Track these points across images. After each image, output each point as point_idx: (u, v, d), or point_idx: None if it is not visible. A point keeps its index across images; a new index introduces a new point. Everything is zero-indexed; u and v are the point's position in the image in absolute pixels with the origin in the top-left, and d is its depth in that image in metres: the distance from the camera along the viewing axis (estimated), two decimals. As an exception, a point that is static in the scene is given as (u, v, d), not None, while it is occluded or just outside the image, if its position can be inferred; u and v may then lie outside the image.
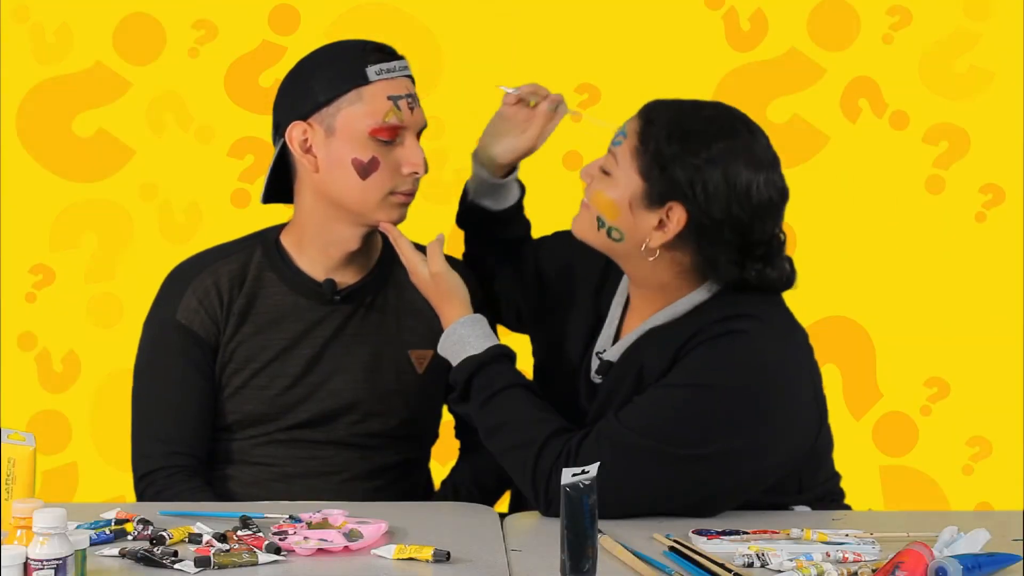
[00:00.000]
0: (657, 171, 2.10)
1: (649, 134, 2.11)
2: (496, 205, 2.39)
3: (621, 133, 2.15)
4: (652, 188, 2.10)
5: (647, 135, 2.11)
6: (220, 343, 2.35)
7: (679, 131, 2.10)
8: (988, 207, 3.51)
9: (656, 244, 2.12)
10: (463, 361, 2.19)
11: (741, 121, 2.15)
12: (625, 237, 2.14)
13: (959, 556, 1.82)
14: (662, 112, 2.13)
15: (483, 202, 2.39)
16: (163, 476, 2.31)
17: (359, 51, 2.28)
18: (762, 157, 2.12)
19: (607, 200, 2.14)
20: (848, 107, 3.50)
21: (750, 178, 2.09)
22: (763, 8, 3.48)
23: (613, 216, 2.14)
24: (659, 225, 2.11)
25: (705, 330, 2.10)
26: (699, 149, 2.09)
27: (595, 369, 2.24)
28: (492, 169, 2.37)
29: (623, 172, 2.13)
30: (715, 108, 2.16)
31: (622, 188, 2.13)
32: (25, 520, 1.74)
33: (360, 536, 1.93)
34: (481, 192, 2.39)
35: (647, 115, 2.14)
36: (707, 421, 2.06)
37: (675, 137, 2.10)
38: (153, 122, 3.48)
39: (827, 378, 3.42)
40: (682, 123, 2.11)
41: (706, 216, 2.09)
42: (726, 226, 2.09)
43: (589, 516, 1.73)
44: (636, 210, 2.12)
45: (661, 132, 2.10)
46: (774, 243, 2.15)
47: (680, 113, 2.13)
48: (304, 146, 2.29)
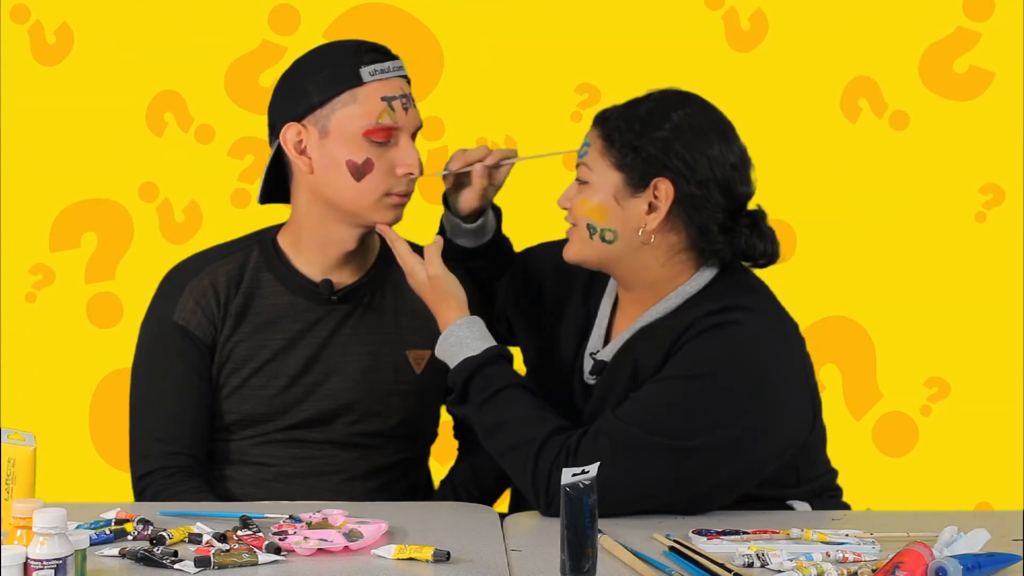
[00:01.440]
0: (631, 156, 2.14)
1: (610, 128, 2.17)
2: (472, 243, 2.42)
3: (585, 144, 2.20)
4: (632, 174, 2.14)
5: (609, 130, 2.17)
6: (217, 343, 2.35)
7: (637, 116, 2.16)
8: (988, 207, 3.51)
9: (653, 226, 2.15)
10: (461, 363, 2.19)
11: (691, 95, 2.21)
12: (619, 234, 2.16)
13: (959, 556, 1.82)
14: (613, 110, 2.19)
15: (460, 241, 2.41)
16: (162, 476, 2.31)
17: (353, 52, 2.28)
18: (721, 122, 2.19)
19: (592, 205, 2.17)
20: (848, 107, 3.50)
21: (717, 140, 2.15)
22: (763, 8, 3.48)
23: (602, 218, 2.16)
24: (649, 208, 2.14)
25: (697, 323, 2.12)
26: (662, 122, 2.15)
27: (588, 370, 2.24)
28: (461, 217, 2.40)
29: (599, 174, 2.17)
30: (661, 91, 2.21)
31: (603, 188, 2.16)
32: (25, 520, 1.74)
33: (360, 536, 1.93)
34: (458, 233, 2.41)
35: (601, 117, 2.20)
36: (704, 412, 2.07)
37: (635, 121, 2.16)
38: (153, 122, 3.48)
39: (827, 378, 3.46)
40: (636, 109, 2.17)
41: (691, 181, 2.13)
42: (712, 187, 2.14)
43: (589, 516, 1.74)
44: (623, 202, 2.15)
45: (621, 123, 2.16)
46: (758, 211, 2.19)
47: (630, 105, 2.19)
48: (299, 147, 2.29)
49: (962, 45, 3.49)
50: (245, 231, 2.46)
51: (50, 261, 3.48)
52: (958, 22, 3.48)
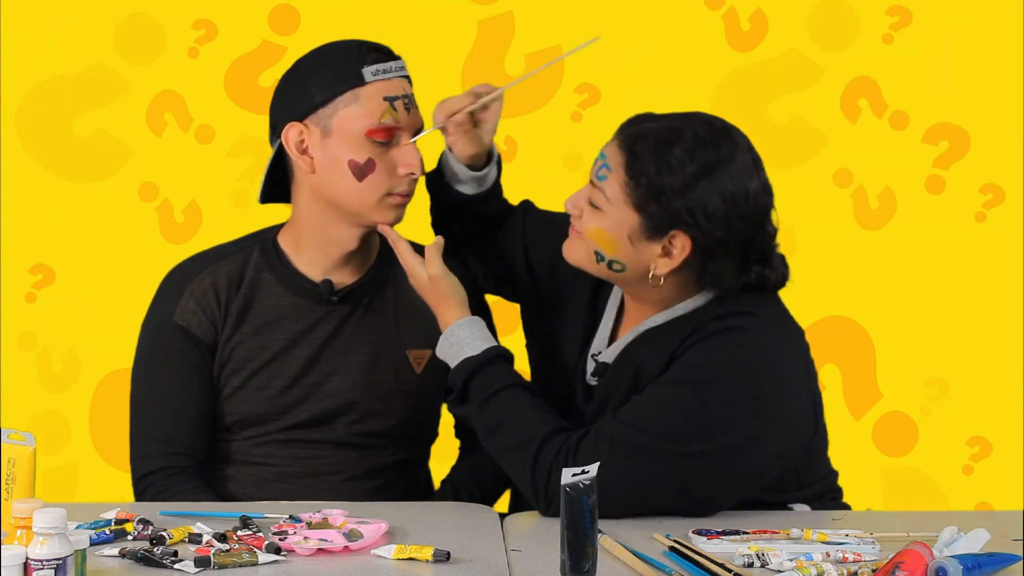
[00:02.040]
0: (654, 205, 2.08)
1: (637, 169, 2.08)
2: (473, 190, 2.36)
3: (605, 166, 2.12)
4: (651, 221, 2.09)
5: (635, 170, 2.08)
6: (218, 344, 2.35)
7: (667, 160, 2.07)
8: (988, 207, 3.51)
9: (663, 272, 2.12)
10: (461, 363, 2.19)
11: (722, 132, 2.11)
12: (627, 267, 2.14)
13: (959, 556, 1.82)
14: (644, 142, 2.09)
15: (459, 187, 2.35)
16: (162, 477, 2.31)
17: (355, 52, 2.28)
18: (749, 163, 2.11)
19: (605, 235, 2.13)
20: (848, 107, 3.50)
21: (745, 189, 2.09)
22: (763, 8, 3.48)
23: (612, 251, 2.13)
24: (663, 252, 2.11)
25: (702, 328, 2.11)
26: (691, 175, 2.06)
27: (591, 371, 2.24)
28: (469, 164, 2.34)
29: (616, 208, 2.11)
30: (693, 125, 2.11)
31: (618, 223, 2.11)
32: (25, 520, 1.74)
33: (360, 536, 1.93)
34: (458, 178, 2.35)
35: (630, 147, 2.10)
36: (705, 417, 2.07)
37: (665, 168, 2.07)
38: (153, 122, 3.48)
39: (827, 378, 3.45)
40: (667, 151, 2.07)
41: (710, 238, 2.09)
42: (729, 241, 2.10)
43: (589, 516, 1.73)
44: (637, 243, 2.11)
45: (650, 165, 2.07)
46: (769, 243, 2.16)
47: (661, 141, 2.08)
48: (300, 147, 2.29)
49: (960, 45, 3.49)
50: (245, 231, 2.45)
51: (50, 261, 3.48)
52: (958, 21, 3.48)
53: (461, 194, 2.35)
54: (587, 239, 2.15)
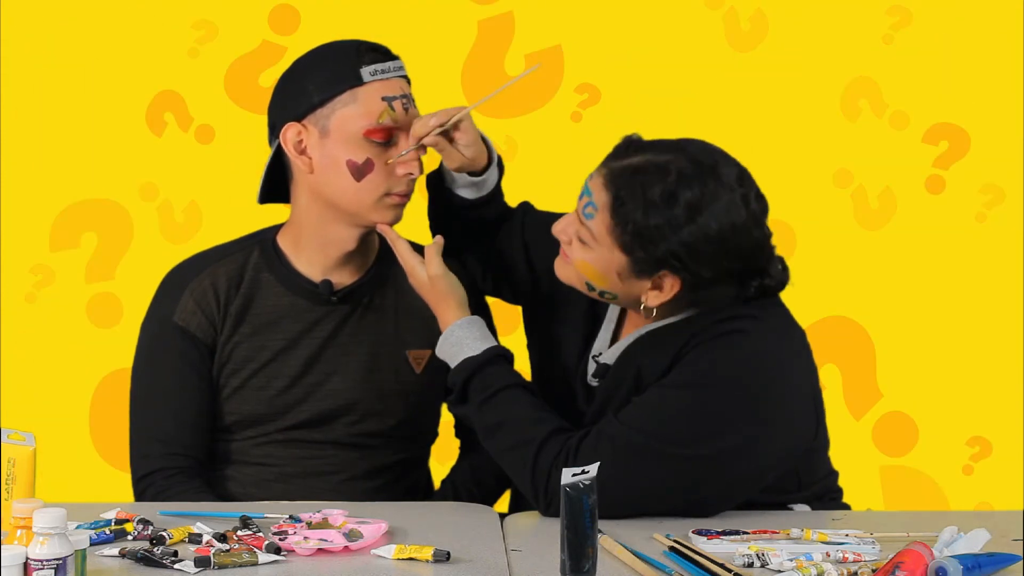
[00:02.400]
0: (640, 249, 2.06)
1: (623, 214, 2.05)
2: (473, 195, 2.35)
3: (590, 204, 2.09)
4: (638, 263, 2.08)
5: (620, 215, 2.06)
6: (217, 344, 2.35)
7: (651, 205, 2.03)
8: (988, 207, 3.51)
9: (654, 304, 2.12)
10: (461, 363, 2.19)
11: (707, 168, 2.06)
12: (619, 297, 2.15)
13: (959, 556, 1.82)
14: (628, 184, 2.05)
15: (460, 192, 2.34)
16: (162, 477, 2.31)
17: (353, 51, 2.28)
18: (736, 198, 2.06)
19: (593, 270, 2.12)
20: (848, 107, 3.50)
21: (732, 226, 2.05)
22: (763, 8, 3.48)
23: (602, 283, 2.13)
24: (653, 286, 2.11)
25: (705, 330, 2.11)
26: (676, 219, 2.03)
27: (592, 372, 2.24)
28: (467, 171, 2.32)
29: (604, 247, 2.09)
30: (678, 161, 2.06)
31: (606, 260, 2.10)
32: (25, 520, 1.74)
33: (360, 536, 1.93)
34: (457, 183, 2.33)
35: (615, 189, 2.06)
36: (707, 420, 2.07)
37: (650, 213, 2.03)
38: (153, 122, 3.48)
39: (827, 378, 3.45)
40: (653, 191, 2.04)
41: (699, 276, 2.08)
42: (721, 276, 2.09)
43: (589, 516, 1.73)
44: (626, 279, 2.11)
45: (635, 212, 2.04)
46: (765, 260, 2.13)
47: (646, 183, 2.04)
48: (299, 147, 2.29)
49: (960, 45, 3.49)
50: (245, 231, 2.45)
51: (50, 261, 3.48)
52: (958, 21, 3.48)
53: (461, 198, 2.35)
54: (577, 271, 2.15)
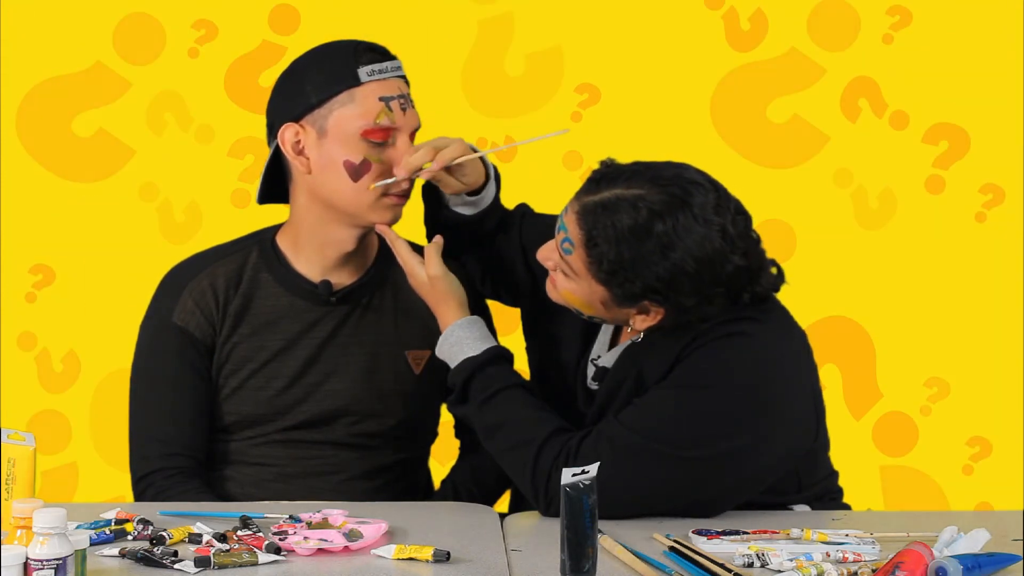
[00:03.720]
0: (616, 284, 2.06)
1: (597, 253, 2.04)
2: (470, 212, 2.34)
3: (567, 240, 2.08)
4: (618, 296, 2.08)
5: (594, 254, 2.05)
6: (216, 344, 2.35)
7: (624, 240, 2.02)
8: (988, 207, 3.51)
9: (641, 327, 2.12)
10: (461, 363, 2.19)
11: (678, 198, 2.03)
12: (608, 320, 2.17)
13: (959, 556, 1.82)
14: (600, 221, 2.03)
15: (458, 209, 2.34)
16: (162, 477, 2.31)
17: (351, 52, 2.28)
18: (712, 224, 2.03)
19: (578, 299, 2.13)
20: (848, 107, 3.50)
21: (709, 255, 2.03)
22: (763, 8, 3.48)
23: (588, 311, 2.14)
24: (639, 311, 2.10)
25: (706, 332, 2.10)
26: (651, 253, 2.02)
27: (591, 376, 2.24)
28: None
29: (584, 280, 2.09)
30: (649, 194, 2.03)
31: (589, 293, 2.10)
32: (25, 520, 1.74)
33: (360, 536, 1.93)
34: (455, 201, 2.34)
35: (587, 228, 2.05)
36: (708, 422, 2.06)
37: (624, 246, 2.02)
38: (153, 122, 3.48)
39: (827, 378, 3.45)
40: (624, 228, 2.02)
41: (681, 303, 2.07)
42: (704, 300, 2.07)
43: (589, 516, 1.73)
44: (610, 308, 2.12)
45: (610, 249, 2.03)
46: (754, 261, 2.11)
47: (618, 219, 2.02)
48: (296, 148, 2.29)
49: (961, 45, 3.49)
50: (245, 231, 2.46)
51: (50, 261, 3.48)
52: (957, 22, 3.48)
53: (457, 214, 2.34)
54: (563, 299, 2.15)
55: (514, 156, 3.44)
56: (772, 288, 2.16)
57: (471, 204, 2.34)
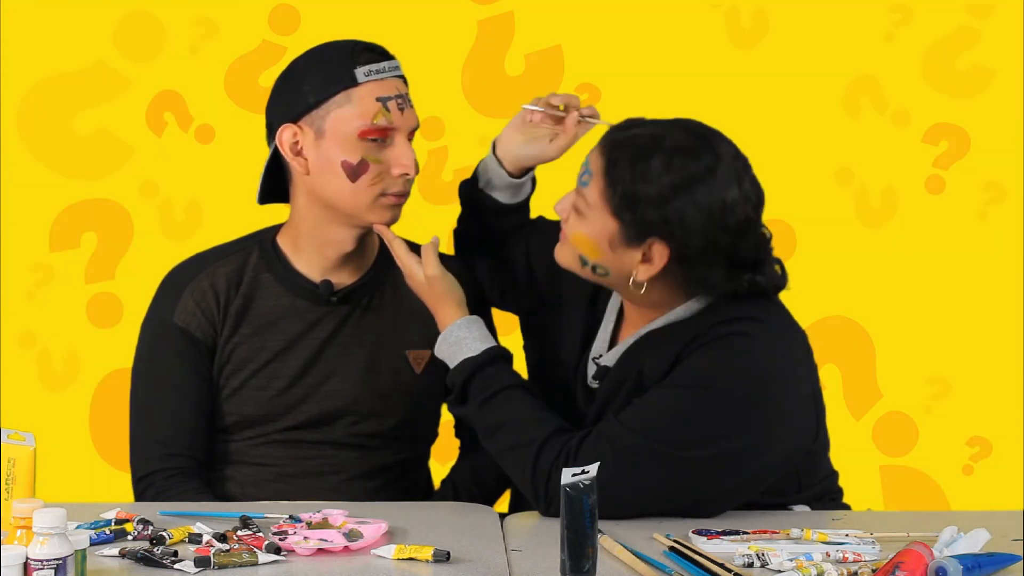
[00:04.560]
0: (629, 213, 2.07)
1: (615, 176, 2.07)
2: (511, 199, 2.37)
3: (587, 172, 2.12)
4: (628, 229, 2.08)
5: (612, 177, 2.07)
6: (217, 344, 2.35)
7: (643, 169, 2.05)
8: (989, 205, 3.51)
9: (643, 278, 2.11)
10: (460, 363, 2.19)
11: (703, 139, 2.09)
12: (611, 272, 2.14)
13: (959, 556, 1.82)
14: (624, 150, 2.08)
15: (496, 194, 2.36)
16: (162, 477, 2.31)
17: (348, 52, 2.27)
18: (731, 173, 2.07)
19: (586, 241, 2.12)
20: (850, 105, 3.50)
21: (723, 200, 2.05)
22: (764, 6, 3.48)
23: (595, 256, 2.13)
24: (643, 258, 2.10)
25: (706, 332, 2.10)
26: (667, 184, 2.04)
27: (592, 374, 2.24)
28: (512, 169, 2.35)
29: (596, 213, 2.10)
30: (674, 133, 2.08)
31: (598, 229, 2.10)
32: (25, 520, 1.74)
33: (360, 536, 1.93)
34: (497, 186, 2.36)
35: (609, 154, 2.09)
36: (709, 422, 2.06)
37: (640, 177, 2.05)
38: (153, 121, 3.48)
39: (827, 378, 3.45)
40: (645, 159, 2.05)
41: (687, 247, 2.07)
42: (709, 251, 2.07)
43: (589, 516, 1.73)
44: (617, 249, 2.10)
45: (626, 174, 2.06)
46: (761, 250, 2.13)
47: (640, 148, 2.07)
48: (294, 148, 2.29)
49: (964, 43, 3.49)
50: (246, 230, 2.46)
51: (50, 261, 3.48)
52: (960, 20, 3.48)
53: (495, 201, 2.35)
54: (571, 243, 2.15)
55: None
56: (775, 284, 2.16)
57: (511, 190, 2.35)
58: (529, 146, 2.33)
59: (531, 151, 2.33)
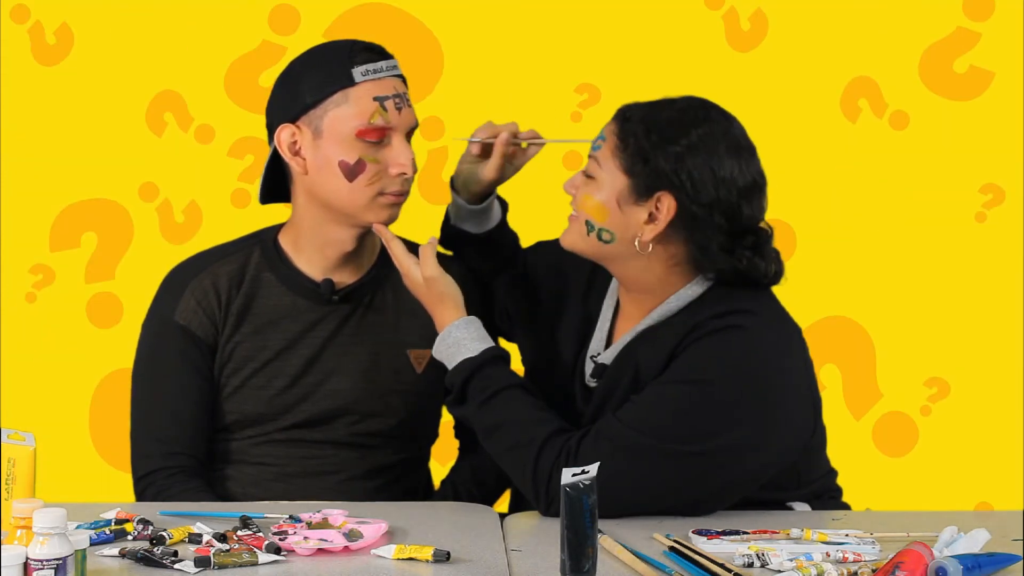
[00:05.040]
0: (640, 164, 2.12)
1: (627, 131, 2.14)
2: (478, 228, 2.41)
3: (600, 137, 2.18)
4: (638, 182, 2.12)
5: (625, 132, 2.14)
6: (218, 343, 2.35)
7: (656, 123, 2.13)
8: (988, 207, 3.51)
9: (649, 237, 2.13)
10: (459, 364, 2.19)
11: (716, 109, 2.18)
12: (616, 237, 2.15)
13: (959, 556, 1.82)
14: (636, 110, 2.17)
15: (464, 226, 2.41)
16: (162, 477, 2.31)
17: (346, 52, 2.28)
18: (740, 142, 2.15)
19: (594, 203, 2.15)
20: (848, 107, 3.50)
21: (732, 161, 2.12)
22: (763, 8, 3.48)
23: (602, 218, 2.15)
24: (649, 218, 2.13)
25: (701, 326, 2.11)
26: (679, 137, 2.12)
27: (590, 372, 2.24)
28: (467, 197, 2.39)
29: (607, 173, 2.15)
30: (688, 100, 2.18)
31: (608, 188, 2.15)
32: (25, 520, 1.74)
33: (360, 536, 1.93)
34: (462, 217, 2.41)
35: (622, 114, 2.17)
36: (706, 416, 2.07)
37: (653, 129, 2.13)
38: (153, 122, 3.48)
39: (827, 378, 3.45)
40: (658, 116, 2.14)
41: (694, 202, 2.10)
42: (715, 210, 2.11)
43: (589, 516, 1.73)
44: (625, 207, 2.14)
45: (639, 127, 2.14)
46: (762, 232, 2.17)
47: (654, 108, 2.16)
48: (293, 148, 2.29)
49: (962, 45, 3.49)
50: (245, 231, 2.46)
51: (50, 261, 3.48)
52: (958, 22, 3.48)
53: (467, 232, 2.40)
54: (579, 210, 2.18)
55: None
56: (774, 270, 2.17)
57: (475, 219, 2.39)
58: (472, 171, 2.38)
59: (475, 175, 2.38)
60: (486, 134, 2.38)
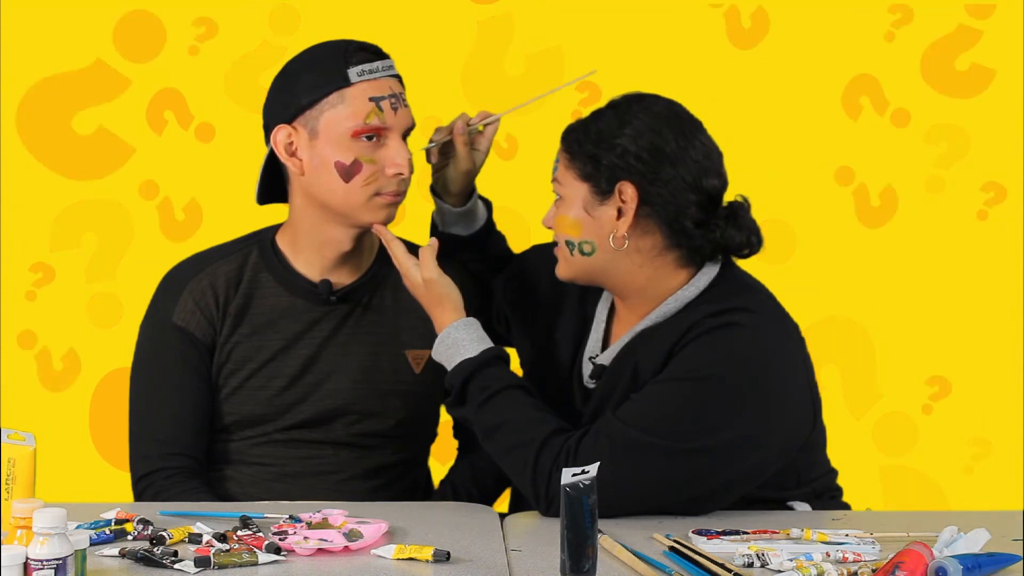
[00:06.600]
0: (592, 166, 2.15)
1: (572, 142, 2.19)
2: (466, 230, 2.43)
3: (556, 161, 2.22)
4: (597, 182, 2.15)
5: (571, 144, 2.19)
6: (217, 344, 2.35)
7: (596, 127, 2.18)
8: (989, 205, 3.51)
9: (623, 230, 2.15)
10: (458, 365, 2.19)
11: (650, 96, 2.21)
12: (596, 245, 2.17)
13: (959, 556, 1.82)
14: (576, 124, 2.21)
15: (453, 230, 2.42)
16: (162, 477, 2.31)
17: (341, 52, 2.27)
18: (682, 117, 2.18)
19: (569, 221, 2.18)
20: (849, 105, 3.50)
21: (677, 136, 2.15)
22: (764, 6, 3.48)
23: (577, 232, 2.17)
24: (619, 214, 2.15)
25: (699, 324, 2.12)
26: (621, 128, 2.16)
27: (588, 374, 2.24)
28: (451, 200, 2.41)
29: (569, 188, 2.18)
30: (620, 97, 2.22)
31: (574, 200, 2.18)
32: (25, 520, 1.74)
33: (360, 536, 1.93)
34: (449, 222, 2.42)
35: (565, 134, 2.22)
36: (706, 414, 2.07)
37: (595, 132, 2.17)
38: (153, 120, 3.48)
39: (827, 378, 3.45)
40: (597, 120, 2.19)
41: (653, 182, 2.13)
42: (677, 182, 2.13)
43: (589, 516, 1.73)
44: (593, 212, 2.16)
45: (582, 135, 2.18)
46: (735, 204, 2.19)
47: (592, 116, 2.21)
48: (289, 149, 2.29)
49: (964, 42, 3.49)
50: (246, 229, 2.45)
51: (50, 260, 3.48)
52: (960, 19, 3.48)
53: (456, 236, 2.42)
54: (558, 235, 2.20)
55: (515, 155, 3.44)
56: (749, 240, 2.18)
57: (462, 221, 2.41)
58: (446, 172, 2.41)
59: (450, 175, 2.40)
60: (441, 135, 2.39)
